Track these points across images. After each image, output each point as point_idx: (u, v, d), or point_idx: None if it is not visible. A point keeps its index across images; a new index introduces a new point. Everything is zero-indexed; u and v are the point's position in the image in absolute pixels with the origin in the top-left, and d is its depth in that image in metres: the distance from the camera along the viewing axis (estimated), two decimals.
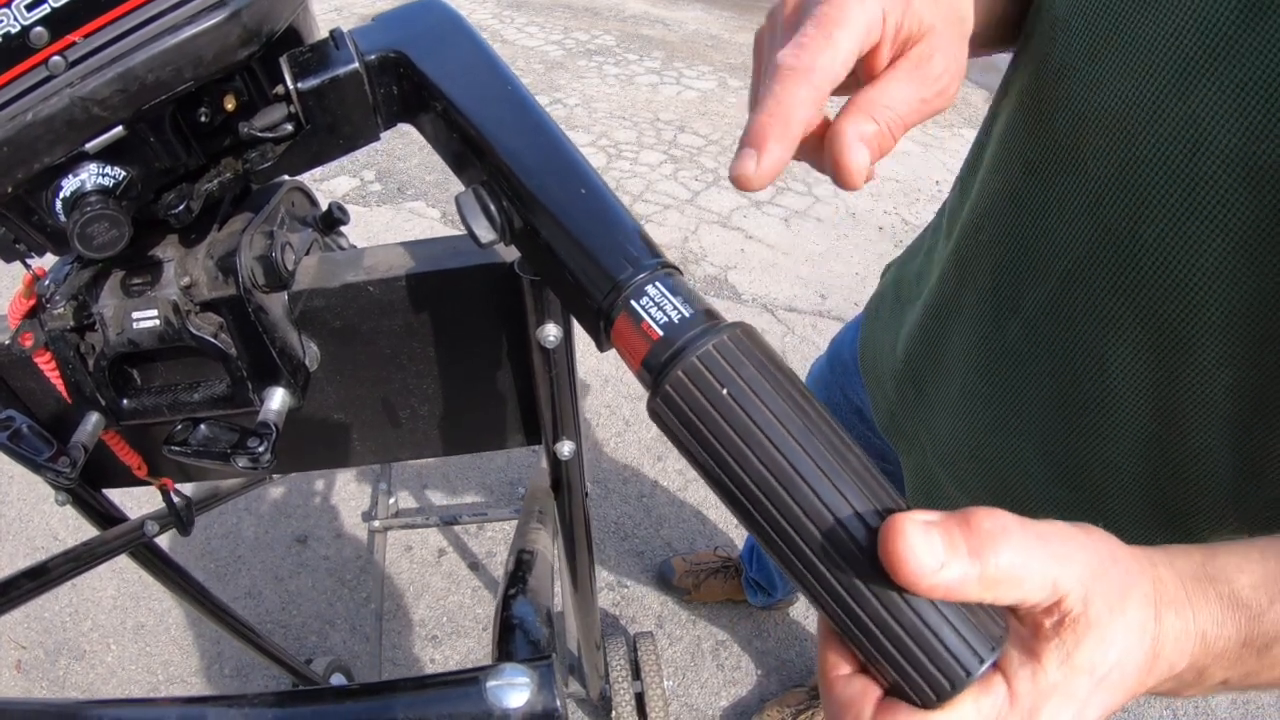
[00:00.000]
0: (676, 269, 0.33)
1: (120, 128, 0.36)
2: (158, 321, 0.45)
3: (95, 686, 1.53)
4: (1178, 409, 0.49)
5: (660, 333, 0.30)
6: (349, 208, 3.05)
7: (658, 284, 0.31)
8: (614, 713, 1.32)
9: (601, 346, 0.34)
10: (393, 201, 3.09)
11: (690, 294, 0.31)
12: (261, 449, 0.46)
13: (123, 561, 0.77)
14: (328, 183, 3.19)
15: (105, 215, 0.36)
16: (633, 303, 0.31)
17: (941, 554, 0.25)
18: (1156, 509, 0.55)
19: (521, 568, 0.45)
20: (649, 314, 0.30)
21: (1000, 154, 0.57)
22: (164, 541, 0.78)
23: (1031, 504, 0.61)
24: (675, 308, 0.30)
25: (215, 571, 1.73)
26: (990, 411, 0.62)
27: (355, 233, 2.85)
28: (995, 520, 0.26)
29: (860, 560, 0.26)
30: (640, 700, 1.34)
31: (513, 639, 0.37)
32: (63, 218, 0.36)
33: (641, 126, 3.74)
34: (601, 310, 0.32)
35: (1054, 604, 0.27)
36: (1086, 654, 0.27)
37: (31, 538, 1.77)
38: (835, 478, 0.26)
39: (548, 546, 0.52)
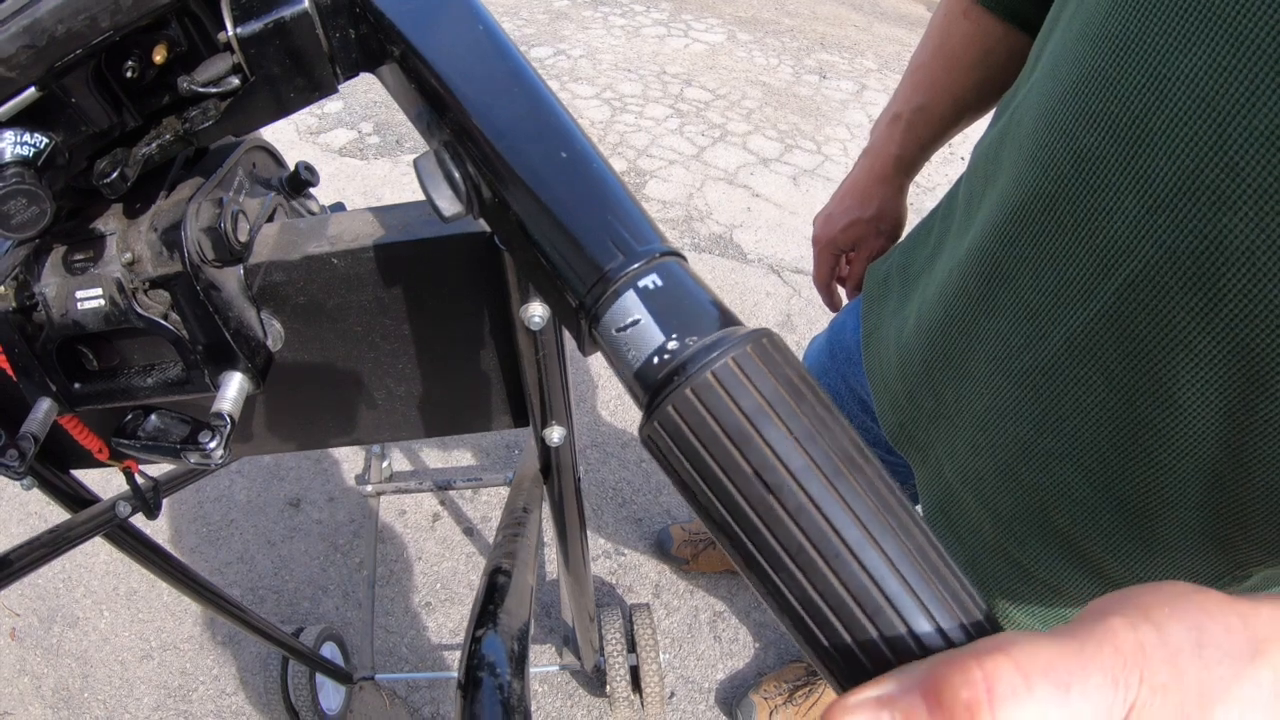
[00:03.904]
0: (681, 256, 0.27)
1: (33, 89, 0.31)
2: (103, 302, 0.41)
3: (89, 653, 1.52)
4: (1249, 443, 0.43)
5: (661, 338, 0.24)
6: (346, 161, 2.98)
7: (657, 276, 0.26)
8: (608, 686, 1.30)
9: (584, 350, 0.28)
10: (391, 154, 3.01)
11: (701, 290, 0.26)
12: (213, 444, 0.41)
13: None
14: (325, 135, 3.11)
15: (21, 190, 0.32)
16: (624, 298, 0.25)
17: None
18: (1210, 538, 0.50)
19: (495, 594, 0.41)
20: (648, 312, 0.25)
21: (1042, 136, 0.49)
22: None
23: (1072, 528, 0.56)
24: (681, 306, 0.25)
25: (208, 535, 1.71)
26: (1025, 430, 0.55)
27: (352, 186, 2.80)
28: (993, 678, 0.18)
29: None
30: (635, 673, 1.32)
31: (479, 693, 0.33)
32: None
33: (647, 79, 3.63)
34: (584, 307, 0.26)
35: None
36: None
37: (25, 502, 1.75)
38: (887, 547, 0.20)
39: (528, 562, 0.48)
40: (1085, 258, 0.47)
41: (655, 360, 0.24)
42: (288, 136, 3.07)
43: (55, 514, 1.51)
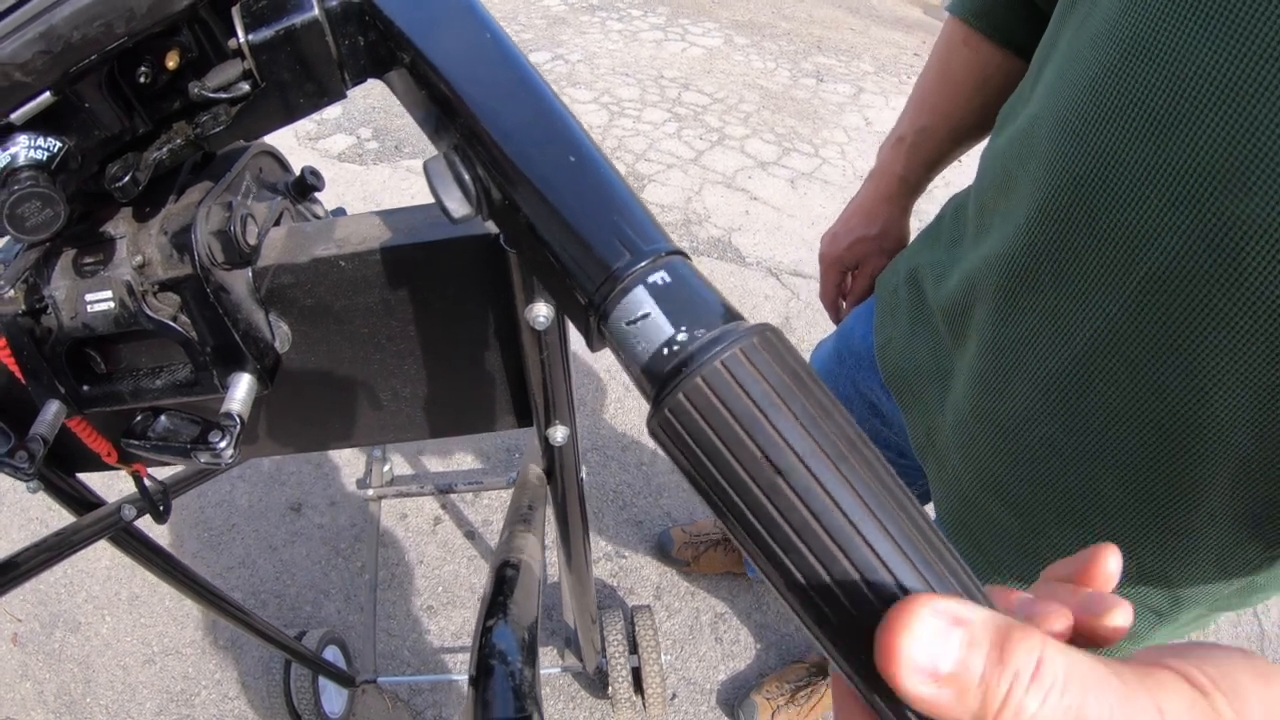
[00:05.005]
0: (685, 255, 0.28)
1: (48, 94, 0.32)
2: (112, 304, 0.41)
3: (92, 658, 1.52)
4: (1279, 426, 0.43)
5: (670, 330, 0.25)
6: (345, 166, 2.98)
7: (664, 273, 0.26)
8: (610, 688, 1.30)
9: (593, 345, 0.29)
10: (390, 160, 3.02)
11: (705, 287, 0.26)
12: (223, 444, 0.42)
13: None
14: (324, 141, 3.12)
15: (36, 193, 0.32)
16: (632, 294, 0.26)
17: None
18: (1242, 522, 0.50)
19: (504, 586, 0.42)
20: (654, 309, 0.25)
21: (1059, 140, 0.49)
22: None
23: (1103, 522, 0.56)
24: (688, 301, 0.25)
25: (209, 540, 1.71)
26: (1053, 432, 0.55)
27: (352, 191, 2.80)
28: (1045, 659, 0.18)
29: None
30: (637, 675, 1.32)
31: (491, 681, 0.34)
32: None
33: (645, 84, 3.64)
34: (593, 304, 0.27)
35: None
36: None
37: (26, 508, 1.75)
38: (891, 527, 0.21)
39: (535, 557, 0.49)
40: (1108, 254, 0.47)
41: (665, 351, 0.24)
42: (287, 142, 3.08)
43: (56, 521, 1.51)
